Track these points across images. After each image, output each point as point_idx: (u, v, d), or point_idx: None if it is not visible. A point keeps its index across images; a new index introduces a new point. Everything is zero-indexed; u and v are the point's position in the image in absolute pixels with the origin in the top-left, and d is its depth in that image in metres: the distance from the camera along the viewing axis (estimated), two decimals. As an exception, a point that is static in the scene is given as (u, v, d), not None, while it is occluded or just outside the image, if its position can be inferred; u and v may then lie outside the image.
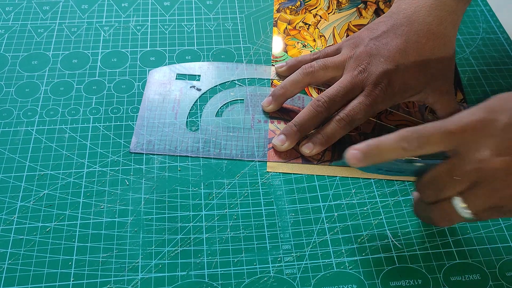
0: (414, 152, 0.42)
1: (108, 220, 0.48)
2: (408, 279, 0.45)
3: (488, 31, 0.68)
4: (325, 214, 0.49)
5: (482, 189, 0.40)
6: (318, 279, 0.45)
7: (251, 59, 0.62)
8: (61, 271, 0.44)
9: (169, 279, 0.44)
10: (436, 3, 0.53)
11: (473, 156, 0.40)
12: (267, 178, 0.51)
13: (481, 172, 0.40)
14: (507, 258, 0.46)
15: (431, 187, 0.43)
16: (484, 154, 0.39)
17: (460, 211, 0.41)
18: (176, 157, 0.53)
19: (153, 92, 0.58)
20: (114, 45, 0.63)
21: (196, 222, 0.48)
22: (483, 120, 0.40)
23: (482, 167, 0.39)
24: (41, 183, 0.50)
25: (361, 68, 0.52)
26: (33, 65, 0.61)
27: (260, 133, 0.55)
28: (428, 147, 0.41)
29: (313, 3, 0.70)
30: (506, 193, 0.39)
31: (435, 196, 0.43)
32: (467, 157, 0.40)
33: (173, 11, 0.68)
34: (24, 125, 0.55)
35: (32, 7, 0.68)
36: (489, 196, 0.40)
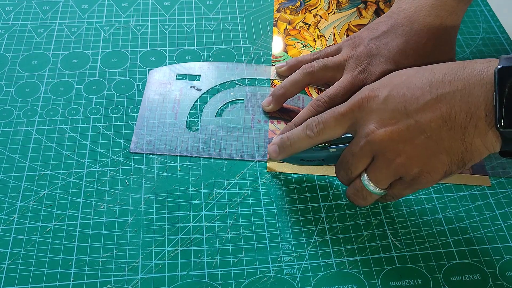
0: (318, 138, 0.47)
1: (108, 220, 0.48)
2: (408, 279, 0.45)
3: (488, 31, 0.68)
4: (325, 214, 0.49)
5: (379, 161, 0.43)
6: (318, 279, 0.45)
7: (251, 59, 0.62)
8: (61, 271, 0.44)
9: (169, 279, 0.44)
10: (437, 3, 0.53)
11: (363, 132, 0.44)
12: (267, 178, 0.51)
13: (372, 145, 0.43)
14: (507, 258, 0.46)
15: (342, 168, 0.47)
16: (370, 127, 0.43)
17: (367, 186, 0.45)
18: (176, 157, 0.53)
19: (153, 92, 0.58)
20: (114, 45, 0.63)
21: (196, 222, 0.48)
22: (366, 97, 0.44)
23: (370, 139, 0.43)
24: (41, 183, 0.50)
25: (361, 68, 0.52)
26: (33, 65, 0.61)
27: (260, 133, 0.55)
28: (328, 132, 0.46)
29: (313, 3, 0.70)
30: (398, 162, 0.42)
31: (347, 176, 0.47)
32: (359, 134, 0.44)
33: (173, 11, 0.68)
34: (24, 125, 0.55)
35: (32, 7, 0.68)
36: (386, 167, 0.43)
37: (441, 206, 0.50)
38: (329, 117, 0.46)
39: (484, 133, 0.40)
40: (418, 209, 0.50)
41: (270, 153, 0.50)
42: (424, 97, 0.42)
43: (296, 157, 0.49)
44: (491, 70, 0.39)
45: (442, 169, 0.42)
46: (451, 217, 0.49)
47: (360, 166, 0.45)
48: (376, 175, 0.44)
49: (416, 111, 0.42)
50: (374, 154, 0.44)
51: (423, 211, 0.49)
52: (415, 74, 0.44)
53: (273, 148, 0.50)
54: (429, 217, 0.49)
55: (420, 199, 0.50)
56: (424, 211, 0.49)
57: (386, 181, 0.44)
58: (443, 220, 0.49)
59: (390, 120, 0.43)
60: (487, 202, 0.50)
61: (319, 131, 0.46)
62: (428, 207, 0.50)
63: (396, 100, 0.43)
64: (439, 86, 0.41)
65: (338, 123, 0.46)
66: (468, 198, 0.51)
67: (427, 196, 0.51)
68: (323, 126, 0.46)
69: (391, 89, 0.44)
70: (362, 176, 0.45)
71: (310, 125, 0.47)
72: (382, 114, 0.43)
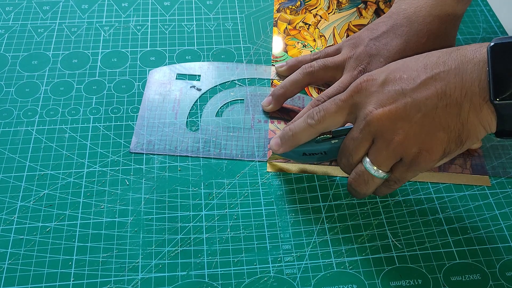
0: (319, 126, 0.47)
1: (108, 220, 0.48)
2: (408, 279, 0.45)
3: (488, 31, 0.68)
4: (325, 214, 0.49)
5: (379, 142, 0.44)
6: (318, 279, 0.45)
7: (251, 59, 0.62)
8: (61, 271, 0.44)
9: (169, 279, 0.44)
10: (436, 3, 0.53)
11: (362, 114, 0.45)
12: (267, 178, 0.51)
13: (370, 125, 0.44)
14: (507, 258, 0.46)
15: (343, 155, 0.47)
16: (368, 109, 0.44)
17: (369, 169, 0.45)
18: (176, 157, 0.53)
19: (153, 92, 0.58)
20: (114, 45, 0.63)
21: (196, 222, 0.48)
22: (365, 81, 0.46)
23: (369, 120, 0.44)
24: (41, 183, 0.50)
25: (361, 68, 0.52)
26: (33, 65, 0.61)
27: (260, 133, 0.55)
28: (329, 119, 0.47)
29: (313, 3, 0.70)
30: (396, 141, 0.43)
31: (348, 163, 0.47)
32: (358, 117, 0.45)
33: (173, 11, 0.68)
34: (24, 125, 0.55)
35: (32, 7, 0.68)
36: (386, 148, 0.44)
37: (441, 206, 0.50)
38: (329, 104, 0.47)
39: (479, 108, 0.41)
40: (418, 209, 0.50)
41: (272, 147, 0.50)
42: (420, 77, 0.43)
43: (298, 151, 0.49)
44: (484, 49, 0.41)
45: (441, 146, 0.43)
46: (451, 217, 0.49)
47: (361, 150, 0.46)
48: (377, 157, 0.45)
49: (413, 90, 0.43)
50: (374, 136, 0.44)
51: (423, 211, 0.49)
52: (411, 59, 0.46)
53: (275, 141, 0.50)
54: (429, 217, 0.49)
55: (420, 199, 0.50)
56: (424, 211, 0.49)
57: (388, 163, 0.45)
58: (443, 220, 0.49)
59: (388, 100, 0.44)
60: (487, 202, 0.50)
61: (320, 119, 0.47)
62: (428, 207, 0.50)
63: (394, 82, 0.44)
64: (433, 66, 0.43)
65: (339, 109, 0.46)
66: (468, 198, 0.51)
67: (427, 196, 0.51)
68: (324, 113, 0.47)
69: (388, 73, 0.45)
70: (364, 159, 0.46)
71: (310, 114, 0.48)
72: (380, 96, 0.44)
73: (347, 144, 0.46)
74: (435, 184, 0.51)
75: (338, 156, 0.48)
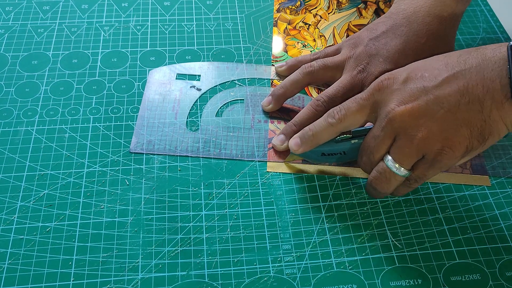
0: (340, 125, 0.47)
1: (108, 220, 0.48)
2: (408, 279, 0.45)
3: (488, 31, 0.68)
4: (325, 214, 0.49)
5: (401, 140, 0.44)
6: (318, 279, 0.45)
7: (251, 59, 0.63)
8: (61, 271, 0.44)
9: (169, 279, 0.44)
10: (436, 3, 0.53)
11: (384, 112, 0.45)
12: (267, 178, 0.51)
13: (393, 123, 0.44)
14: (507, 258, 0.46)
15: (364, 154, 0.47)
16: (390, 106, 0.45)
17: (391, 167, 0.45)
18: (176, 157, 0.53)
19: (153, 92, 0.58)
20: (114, 45, 0.63)
21: (196, 222, 0.48)
22: (386, 79, 0.46)
23: (391, 117, 0.44)
24: (41, 183, 0.50)
25: (361, 68, 0.52)
26: (33, 65, 0.61)
27: (260, 133, 0.55)
28: (350, 118, 0.47)
29: (313, 3, 0.70)
30: (419, 138, 0.43)
31: (369, 161, 0.47)
32: (380, 115, 0.46)
33: (173, 11, 0.68)
34: (24, 125, 0.55)
35: (32, 7, 0.68)
36: (408, 145, 0.44)
37: (441, 206, 0.50)
38: (350, 103, 0.47)
39: (501, 105, 0.41)
40: (418, 209, 0.50)
41: (291, 147, 0.50)
42: (441, 75, 0.43)
43: (317, 151, 0.49)
44: (504, 48, 0.41)
45: (464, 143, 0.43)
46: (451, 217, 0.49)
47: (382, 147, 0.46)
48: (399, 154, 0.45)
49: (434, 88, 0.43)
50: (396, 133, 0.44)
51: (423, 211, 0.49)
52: (431, 59, 0.46)
53: (295, 141, 0.49)
54: (429, 217, 0.49)
55: (420, 199, 0.50)
56: (424, 211, 0.49)
57: (410, 160, 0.45)
58: (443, 220, 0.49)
59: (410, 98, 0.44)
60: (487, 202, 0.50)
61: (340, 118, 0.47)
62: (428, 207, 0.50)
63: (415, 80, 0.45)
64: (454, 65, 0.43)
65: (360, 108, 0.47)
66: (468, 198, 0.51)
67: (427, 196, 0.51)
68: (345, 112, 0.47)
69: (410, 72, 0.46)
70: (386, 157, 0.46)
71: (331, 113, 0.48)
72: (401, 94, 0.45)
73: (368, 142, 0.47)
74: (435, 184, 0.51)
75: (359, 154, 0.48)
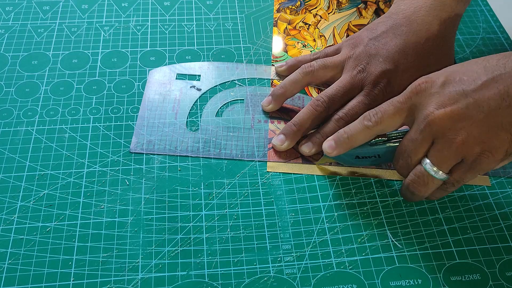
0: (376, 128, 0.47)
1: (108, 220, 0.48)
2: (408, 279, 0.45)
3: (488, 31, 0.68)
4: (325, 214, 0.49)
5: (440, 143, 0.44)
6: (318, 279, 0.45)
7: (251, 59, 0.63)
8: (61, 271, 0.44)
9: (169, 279, 0.44)
10: (435, 3, 0.53)
11: (422, 115, 0.45)
12: (267, 178, 0.51)
13: (432, 126, 0.44)
14: (507, 258, 0.46)
15: (401, 157, 0.47)
16: (429, 109, 0.44)
17: (429, 170, 0.45)
18: (176, 157, 0.53)
19: (153, 92, 0.58)
20: (114, 45, 0.63)
21: (196, 222, 0.48)
22: (424, 82, 0.45)
23: (430, 121, 0.44)
24: (41, 183, 0.50)
25: (360, 68, 0.52)
26: (33, 65, 0.61)
27: (260, 133, 0.55)
28: (386, 121, 0.46)
29: (313, 3, 0.70)
30: (459, 141, 0.43)
31: (406, 165, 0.47)
32: (418, 119, 0.45)
33: (173, 11, 0.68)
34: (24, 125, 0.55)
35: (32, 7, 0.68)
36: (447, 148, 0.44)
37: (441, 206, 0.50)
38: (387, 106, 0.47)
39: None
40: (418, 209, 0.50)
41: (325, 150, 0.49)
42: (481, 78, 0.43)
43: (351, 154, 0.49)
44: None
45: (503, 147, 0.43)
46: (451, 217, 0.49)
47: (420, 151, 0.45)
48: (438, 158, 0.44)
49: (474, 91, 0.43)
50: (435, 136, 0.44)
51: (423, 211, 0.49)
52: (469, 62, 0.46)
53: (329, 143, 0.49)
54: (429, 217, 0.49)
55: (420, 199, 0.50)
56: (424, 211, 0.49)
57: (449, 164, 0.44)
58: (443, 220, 0.49)
59: (449, 101, 0.44)
60: (487, 202, 0.50)
61: (377, 121, 0.46)
62: (428, 207, 0.50)
63: (454, 84, 0.44)
64: (494, 69, 0.43)
65: (397, 111, 0.46)
66: (468, 198, 0.51)
67: (427, 196, 0.51)
68: (381, 115, 0.47)
69: (447, 75, 0.45)
70: (424, 161, 0.45)
71: (367, 116, 0.47)
72: (440, 97, 0.44)
73: (405, 146, 0.46)
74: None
75: (395, 158, 0.48)
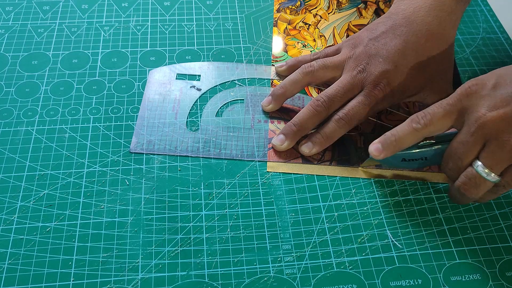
0: (425, 130, 0.46)
1: (108, 220, 0.48)
2: (408, 279, 0.45)
3: (488, 31, 0.68)
4: (325, 214, 0.49)
5: (492, 145, 0.43)
6: (318, 279, 0.45)
7: (251, 59, 0.63)
8: (61, 271, 0.44)
9: (169, 279, 0.44)
10: (435, 3, 0.53)
11: (473, 117, 0.44)
12: (267, 178, 0.51)
13: (483, 128, 0.44)
14: (507, 258, 0.46)
15: (451, 160, 0.46)
16: (481, 111, 0.44)
17: (481, 172, 0.44)
18: (176, 157, 0.53)
19: (153, 92, 0.58)
20: (114, 45, 0.63)
21: (196, 222, 0.48)
22: (474, 85, 0.45)
23: (482, 123, 0.44)
24: (41, 183, 0.50)
25: (360, 68, 0.52)
26: (33, 65, 0.61)
27: (260, 133, 0.55)
28: (436, 123, 0.46)
29: (313, 3, 0.70)
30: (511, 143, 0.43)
31: (457, 168, 0.46)
32: (469, 121, 0.45)
33: (173, 11, 0.68)
34: (24, 125, 0.55)
35: (32, 7, 0.68)
36: (500, 150, 0.43)
37: (441, 206, 0.50)
38: (436, 108, 0.47)
39: None
40: (418, 209, 0.50)
41: (372, 152, 0.48)
42: None
43: (397, 156, 0.49)
44: None
45: None
46: (451, 217, 0.49)
47: (471, 153, 0.45)
48: (490, 160, 0.44)
49: None
50: (486, 139, 0.44)
51: (423, 211, 0.49)
52: None
53: (376, 146, 0.48)
54: (429, 217, 0.49)
55: (420, 199, 0.50)
56: (424, 211, 0.49)
57: (501, 165, 0.44)
58: (443, 220, 0.49)
59: (501, 103, 0.43)
60: (487, 202, 0.50)
61: (426, 123, 0.46)
62: (428, 207, 0.50)
63: (505, 86, 0.44)
64: None
65: (447, 114, 0.46)
66: (468, 198, 0.51)
67: (427, 196, 0.51)
68: (430, 118, 0.46)
69: (498, 77, 0.45)
70: (475, 163, 0.45)
71: (415, 118, 0.47)
72: (491, 99, 0.44)
73: (455, 148, 0.46)
74: (435, 184, 0.51)
75: (444, 160, 0.48)
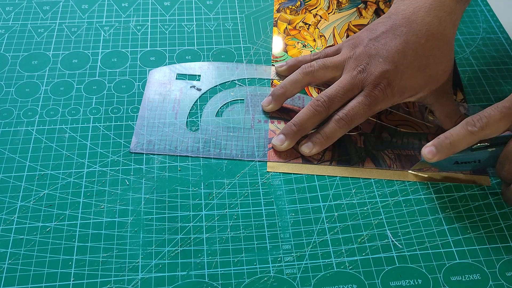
0: (480, 133, 0.46)
1: (108, 220, 0.48)
2: (408, 279, 0.45)
3: (488, 31, 0.68)
4: (325, 214, 0.49)
5: None
6: (318, 279, 0.45)
7: (251, 59, 0.63)
8: (61, 271, 0.44)
9: (169, 279, 0.44)
10: (435, 3, 0.53)
11: None
12: (267, 178, 0.51)
13: None
14: (507, 258, 0.46)
15: (507, 163, 0.46)
16: None
17: None
18: (176, 157, 0.53)
19: (153, 92, 0.58)
20: (114, 45, 0.63)
21: (196, 222, 0.48)
22: None
23: None
24: (41, 183, 0.50)
25: (360, 68, 0.52)
26: (33, 65, 0.61)
27: (260, 133, 0.55)
28: (492, 126, 0.46)
29: (313, 3, 0.70)
30: None
31: None
32: None
33: (173, 11, 0.68)
34: (24, 125, 0.55)
35: (32, 7, 0.68)
36: None
37: (441, 206, 0.50)
38: (491, 111, 0.46)
39: None
40: (418, 209, 0.50)
41: (425, 155, 0.48)
42: None
43: (450, 159, 0.48)
44: None
45: None
46: (451, 217, 0.49)
47: None
48: None
49: None
50: None
51: (423, 211, 0.50)
52: None
53: (429, 149, 0.48)
54: (429, 217, 0.49)
55: (420, 199, 0.50)
56: (424, 211, 0.49)
57: None
58: (443, 220, 0.49)
59: None
60: (487, 202, 0.50)
61: (482, 126, 0.46)
62: (428, 207, 0.50)
63: None
64: None
65: (503, 117, 0.46)
66: (468, 198, 0.51)
67: (427, 196, 0.51)
68: (486, 120, 0.46)
69: None
70: None
71: (470, 121, 0.46)
72: None
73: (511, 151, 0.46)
74: (435, 184, 0.51)
75: (499, 163, 0.48)
